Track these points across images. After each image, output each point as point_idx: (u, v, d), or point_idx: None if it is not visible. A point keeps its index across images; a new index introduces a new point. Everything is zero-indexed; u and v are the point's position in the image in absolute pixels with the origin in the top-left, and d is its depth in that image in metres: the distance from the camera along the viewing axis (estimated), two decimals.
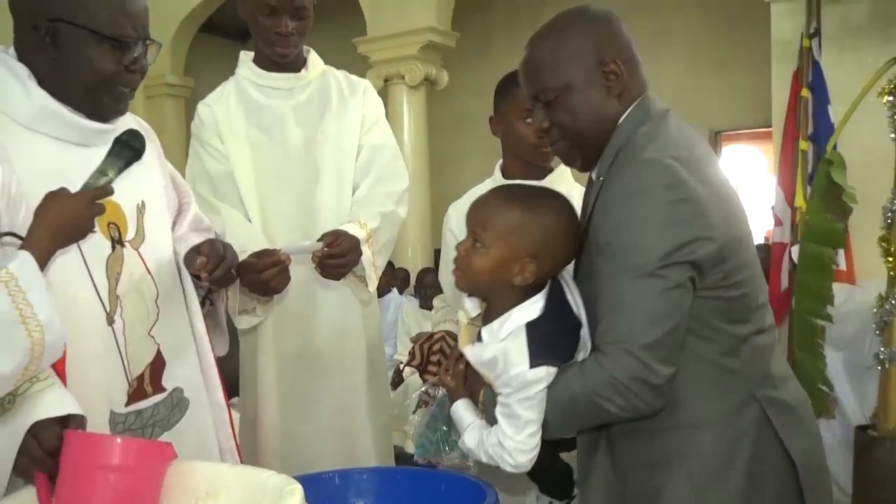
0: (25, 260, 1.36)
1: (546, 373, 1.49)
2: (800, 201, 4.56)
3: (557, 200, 1.60)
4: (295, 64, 2.43)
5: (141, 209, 1.75)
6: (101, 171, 1.62)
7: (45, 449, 1.38)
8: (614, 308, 1.47)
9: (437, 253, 2.69)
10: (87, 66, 1.59)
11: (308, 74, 2.45)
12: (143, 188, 1.77)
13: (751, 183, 9.88)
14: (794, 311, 3.77)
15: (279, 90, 2.42)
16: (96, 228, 1.61)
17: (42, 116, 1.60)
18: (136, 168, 1.73)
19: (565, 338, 1.54)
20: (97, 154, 1.67)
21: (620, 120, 1.60)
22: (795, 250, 4.14)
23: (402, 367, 5.21)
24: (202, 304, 1.90)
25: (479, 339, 1.57)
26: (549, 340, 1.51)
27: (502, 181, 2.34)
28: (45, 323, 1.34)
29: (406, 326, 6.23)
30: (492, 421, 1.56)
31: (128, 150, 1.67)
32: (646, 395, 1.45)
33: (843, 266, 4.04)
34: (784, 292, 4.93)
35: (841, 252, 3.78)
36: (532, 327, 1.51)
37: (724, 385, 1.52)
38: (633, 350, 1.43)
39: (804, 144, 4.65)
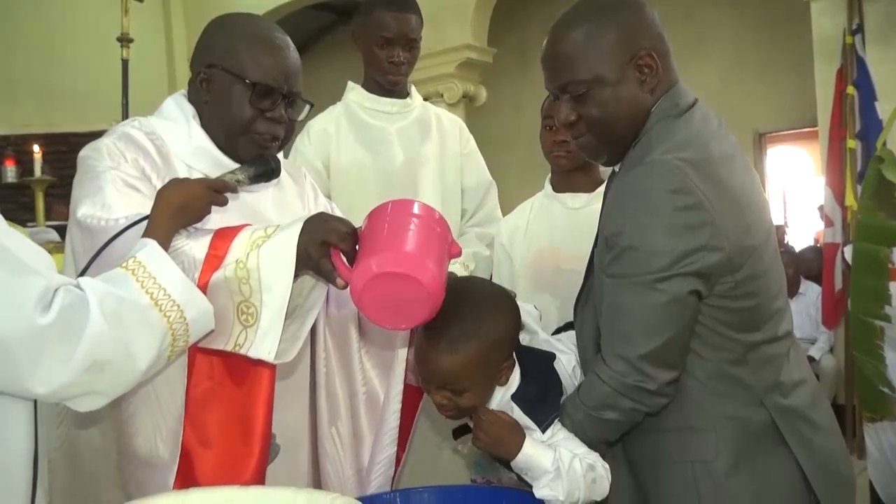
0: (152, 247, 1.40)
1: (556, 427, 1.52)
2: (850, 200, 4.50)
3: (490, 299, 1.55)
4: (401, 92, 2.67)
5: None
6: (231, 173, 1.66)
7: (348, 226, 1.47)
8: (614, 314, 1.48)
9: None
10: (227, 109, 1.67)
11: (413, 102, 2.69)
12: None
13: (798, 184, 9.74)
14: (850, 312, 3.70)
15: (387, 113, 2.63)
16: None
17: (197, 154, 1.69)
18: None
19: (552, 380, 1.56)
20: (244, 196, 1.72)
21: (652, 111, 1.53)
22: (848, 250, 4.08)
23: None
24: None
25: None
26: (540, 398, 1.53)
27: (552, 194, 2.35)
28: (181, 302, 1.37)
29: None
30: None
31: (263, 164, 1.70)
32: (644, 399, 1.46)
33: None
34: (839, 293, 4.86)
35: None
36: (520, 398, 1.53)
37: (730, 392, 1.50)
38: (630, 358, 1.44)
39: (852, 143, 4.59)
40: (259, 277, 1.45)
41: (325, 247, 1.45)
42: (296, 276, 1.49)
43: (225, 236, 1.51)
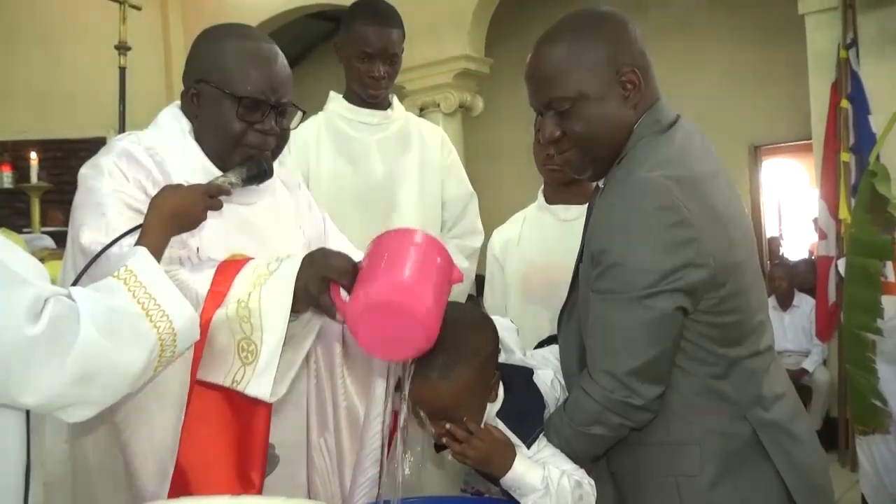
0: (143, 256, 1.40)
1: (542, 443, 1.52)
2: (844, 213, 4.51)
3: (465, 318, 1.54)
4: (382, 104, 2.66)
5: None
6: (224, 176, 1.67)
7: (348, 262, 1.49)
8: (601, 330, 1.48)
9: (479, 279, 2.71)
10: (217, 124, 1.68)
11: (394, 114, 2.69)
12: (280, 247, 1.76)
13: (793, 197, 9.77)
14: (843, 325, 3.71)
15: (367, 125, 2.64)
16: None
17: (194, 170, 1.69)
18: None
19: (533, 395, 1.56)
20: (239, 209, 1.72)
21: (635, 128, 1.54)
22: (842, 263, 4.09)
23: None
24: None
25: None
26: (524, 413, 1.54)
27: (545, 206, 2.36)
28: (171, 313, 1.37)
29: None
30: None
31: (255, 165, 1.71)
32: (631, 414, 1.47)
33: (891, 278, 3.97)
34: (832, 306, 4.87)
35: (889, 264, 3.72)
36: (504, 414, 1.53)
37: (713, 407, 1.51)
38: (617, 373, 1.44)
39: (846, 156, 4.61)
40: (260, 317, 1.48)
41: (325, 282, 1.48)
42: (296, 313, 1.51)
43: (227, 272, 1.53)
